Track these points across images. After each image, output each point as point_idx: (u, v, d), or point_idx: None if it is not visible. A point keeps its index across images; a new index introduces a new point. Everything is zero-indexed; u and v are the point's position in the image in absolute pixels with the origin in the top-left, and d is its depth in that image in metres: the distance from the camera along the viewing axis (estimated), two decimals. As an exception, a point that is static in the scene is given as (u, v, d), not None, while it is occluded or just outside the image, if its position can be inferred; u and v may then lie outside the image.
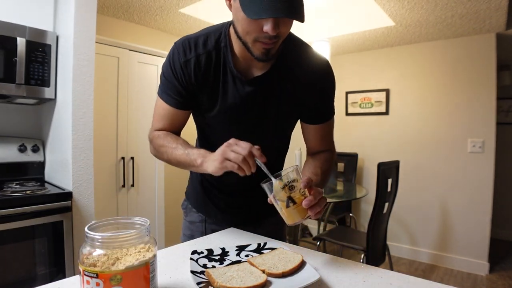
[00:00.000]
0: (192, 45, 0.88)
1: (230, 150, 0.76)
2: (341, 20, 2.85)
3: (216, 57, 0.88)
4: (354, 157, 3.47)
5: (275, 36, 0.74)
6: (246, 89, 0.88)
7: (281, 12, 0.68)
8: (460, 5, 2.29)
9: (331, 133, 1.03)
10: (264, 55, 0.78)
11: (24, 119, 2.10)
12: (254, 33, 0.75)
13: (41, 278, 1.63)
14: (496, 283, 2.71)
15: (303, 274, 0.69)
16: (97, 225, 0.57)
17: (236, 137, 0.94)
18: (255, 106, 0.91)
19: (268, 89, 0.89)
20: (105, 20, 2.65)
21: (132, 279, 0.52)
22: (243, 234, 1.00)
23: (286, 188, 0.72)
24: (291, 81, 0.90)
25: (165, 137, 0.93)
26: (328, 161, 0.98)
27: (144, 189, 2.69)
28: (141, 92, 2.64)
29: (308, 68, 0.91)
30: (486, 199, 2.88)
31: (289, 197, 0.72)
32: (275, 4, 0.68)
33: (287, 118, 0.97)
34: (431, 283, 0.67)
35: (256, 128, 0.95)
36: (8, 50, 1.67)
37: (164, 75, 0.93)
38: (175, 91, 0.91)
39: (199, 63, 0.87)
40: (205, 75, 0.88)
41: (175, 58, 0.88)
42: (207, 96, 0.91)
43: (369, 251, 2.17)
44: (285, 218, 0.75)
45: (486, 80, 2.87)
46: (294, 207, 0.72)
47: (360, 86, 3.61)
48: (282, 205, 0.73)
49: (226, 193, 1.08)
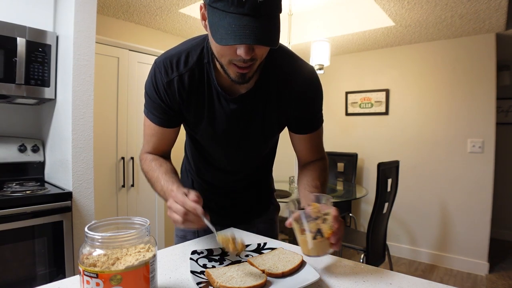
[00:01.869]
0: (174, 63, 0.84)
1: (171, 210, 0.74)
2: (341, 20, 2.85)
3: (200, 74, 0.85)
4: (354, 157, 3.47)
5: (250, 59, 0.69)
6: (231, 107, 0.86)
7: (249, 38, 0.63)
8: (460, 5, 2.29)
9: (321, 142, 1.01)
10: (240, 78, 0.74)
11: (24, 119, 2.10)
12: (228, 56, 0.71)
13: (41, 278, 1.63)
14: (496, 283, 2.71)
15: (303, 274, 0.69)
16: (97, 225, 0.57)
17: (223, 150, 0.97)
18: (241, 122, 0.89)
19: (253, 105, 0.87)
20: (105, 20, 2.65)
21: (132, 279, 0.52)
22: (243, 234, 1.00)
23: (320, 220, 0.68)
24: (277, 94, 0.87)
25: (150, 163, 0.93)
26: (324, 171, 0.97)
27: (144, 189, 2.69)
28: (141, 92, 2.63)
29: (294, 79, 0.87)
30: (486, 199, 2.88)
31: (319, 230, 0.68)
32: (243, 30, 0.63)
33: (274, 129, 0.95)
34: (431, 283, 0.67)
35: (243, 141, 0.94)
36: (8, 50, 1.67)
37: (148, 95, 0.90)
38: (161, 110, 0.89)
39: (182, 82, 0.84)
40: (189, 94, 0.86)
41: (158, 79, 0.86)
42: (192, 114, 0.89)
43: (369, 251, 2.18)
44: (308, 249, 0.70)
45: (486, 80, 2.87)
46: (322, 239, 0.68)
47: (360, 86, 3.61)
48: (309, 236, 0.68)
49: (217, 194, 1.08)
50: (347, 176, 3.45)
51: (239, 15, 0.63)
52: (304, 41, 3.08)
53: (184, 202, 0.71)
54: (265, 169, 1.13)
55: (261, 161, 1.08)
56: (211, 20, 0.68)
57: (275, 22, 0.68)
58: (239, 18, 0.63)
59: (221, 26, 0.65)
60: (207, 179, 1.07)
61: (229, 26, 0.63)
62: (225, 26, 0.64)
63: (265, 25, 0.65)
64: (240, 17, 0.63)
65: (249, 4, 0.62)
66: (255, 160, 1.05)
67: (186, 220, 0.71)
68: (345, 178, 3.45)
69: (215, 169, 1.03)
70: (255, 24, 0.63)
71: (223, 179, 1.06)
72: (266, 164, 1.12)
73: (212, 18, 0.67)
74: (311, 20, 2.90)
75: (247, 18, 0.63)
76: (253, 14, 0.63)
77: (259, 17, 0.63)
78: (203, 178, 1.08)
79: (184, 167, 1.16)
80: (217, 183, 1.07)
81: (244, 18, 0.63)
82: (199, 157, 1.03)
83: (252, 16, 0.63)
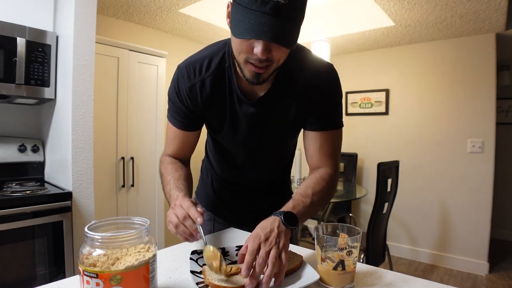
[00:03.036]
0: (196, 69, 0.87)
1: (172, 212, 0.76)
2: (341, 20, 2.85)
3: (221, 79, 0.87)
4: (354, 157, 3.47)
5: (266, 59, 0.70)
6: (251, 110, 0.88)
7: (265, 35, 0.65)
8: (460, 5, 2.29)
9: (334, 149, 0.91)
10: (254, 78, 0.75)
11: (24, 119, 2.10)
12: (245, 53, 0.72)
13: (41, 278, 1.62)
14: (496, 283, 2.71)
15: (303, 274, 0.69)
16: (97, 225, 0.57)
17: (244, 151, 0.98)
18: (261, 124, 0.91)
19: (272, 108, 0.88)
20: (105, 20, 2.65)
21: (132, 279, 0.52)
22: (243, 234, 1.00)
23: (346, 251, 0.64)
24: (294, 93, 0.87)
25: (167, 166, 0.94)
26: (324, 180, 0.87)
27: (144, 189, 2.69)
28: (141, 92, 2.64)
29: (312, 74, 0.86)
30: (486, 199, 2.88)
31: (342, 261, 0.64)
32: (261, 27, 0.64)
33: (294, 129, 0.95)
34: (431, 283, 0.67)
35: (263, 143, 0.95)
36: (8, 50, 1.67)
37: (170, 100, 0.93)
38: (182, 114, 0.92)
39: (204, 86, 0.87)
40: (211, 98, 0.88)
41: (180, 83, 0.88)
42: (214, 118, 0.92)
43: (369, 251, 2.17)
44: (326, 279, 0.66)
45: (486, 80, 2.87)
46: (342, 272, 0.64)
47: (360, 86, 3.61)
48: (329, 265, 0.65)
49: (236, 193, 1.10)
50: (347, 176, 3.45)
51: (261, 13, 0.64)
52: (304, 41, 3.08)
53: (189, 208, 0.73)
54: (284, 171, 1.13)
55: (281, 162, 1.09)
56: (233, 15, 0.70)
57: (295, 25, 0.68)
58: (260, 16, 0.64)
59: (241, 21, 0.67)
60: (227, 178, 1.09)
61: (249, 21, 0.65)
62: (245, 22, 0.66)
63: (284, 25, 0.66)
64: (261, 15, 0.64)
65: (272, 4, 0.63)
66: (274, 161, 1.06)
67: (182, 225, 0.72)
68: (345, 178, 3.45)
69: (235, 169, 1.04)
70: (274, 23, 0.65)
71: (243, 179, 1.07)
72: (285, 165, 1.12)
73: (235, 14, 0.69)
74: (311, 20, 2.90)
75: (267, 16, 0.64)
76: (274, 13, 0.64)
77: (279, 17, 0.65)
78: (223, 177, 1.09)
79: (204, 166, 1.17)
80: (237, 182, 1.08)
81: (265, 16, 0.64)
82: (220, 157, 1.05)
83: (273, 16, 0.64)
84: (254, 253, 0.64)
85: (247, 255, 0.64)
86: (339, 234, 0.70)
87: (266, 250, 0.64)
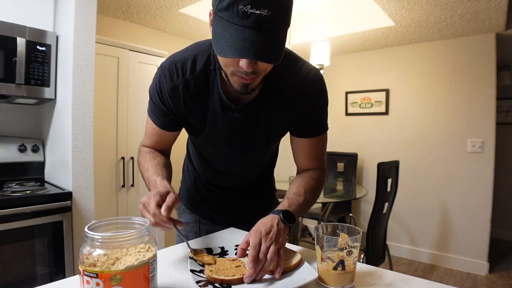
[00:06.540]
0: (179, 69, 0.82)
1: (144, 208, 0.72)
2: (341, 20, 2.85)
3: (205, 81, 0.83)
4: (354, 157, 3.47)
5: (253, 72, 0.68)
6: (235, 115, 0.85)
7: (247, 53, 0.61)
8: (460, 5, 2.29)
9: (322, 151, 0.95)
10: (243, 88, 0.73)
11: (24, 119, 2.10)
12: (231, 67, 0.69)
13: (41, 278, 1.63)
14: (496, 283, 2.71)
15: (301, 273, 0.69)
16: (97, 225, 0.57)
17: (225, 155, 0.97)
18: (245, 130, 0.88)
19: (258, 114, 0.86)
20: (105, 20, 2.65)
21: (132, 279, 0.52)
22: (243, 234, 1.00)
23: (346, 251, 0.65)
24: (281, 99, 0.85)
25: (145, 155, 0.93)
26: (314, 180, 0.90)
27: (144, 189, 2.69)
28: (141, 92, 2.63)
29: (297, 81, 0.84)
30: (485, 199, 2.88)
31: (342, 261, 0.64)
32: (243, 43, 0.60)
33: (277, 134, 0.94)
34: (430, 283, 0.67)
35: (246, 147, 0.93)
36: (8, 50, 1.67)
37: (151, 99, 0.89)
38: (163, 114, 0.89)
39: (187, 88, 0.83)
40: (194, 100, 0.85)
41: (162, 84, 0.84)
42: (195, 121, 0.89)
43: (369, 251, 2.18)
44: (326, 279, 0.66)
45: (485, 80, 2.87)
46: (342, 272, 0.65)
47: (360, 86, 3.61)
48: (329, 264, 0.65)
49: (219, 194, 1.08)
50: (347, 176, 3.45)
51: (243, 27, 0.61)
52: (304, 41, 3.08)
53: (155, 212, 0.69)
54: (267, 170, 1.13)
55: (264, 164, 1.09)
56: (215, 29, 0.66)
57: (280, 37, 0.65)
58: (242, 31, 0.61)
59: (223, 37, 0.63)
60: (209, 180, 1.07)
61: (231, 37, 0.61)
62: (226, 37, 0.62)
63: (268, 40, 0.62)
64: (243, 30, 0.61)
65: (254, 17, 0.60)
66: (257, 164, 1.05)
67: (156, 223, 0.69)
68: (345, 178, 3.45)
69: (217, 172, 1.03)
70: (257, 39, 0.61)
71: (225, 181, 1.06)
72: (268, 166, 1.12)
73: (216, 27, 0.65)
74: (311, 20, 2.90)
75: (250, 31, 0.61)
76: (256, 27, 0.60)
77: (262, 31, 0.61)
78: (205, 179, 1.08)
79: (186, 167, 1.16)
80: (219, 184, 1.07)
81: (247, 31, 0.61)
82: (201, 159, 1.04)
83: (256, 30, 0.61)
84: (257, 248, 0.67)
85: (250, 249, 0.67)
86: (339, 234, 0.70)
87: (266, 245, 0.68)
